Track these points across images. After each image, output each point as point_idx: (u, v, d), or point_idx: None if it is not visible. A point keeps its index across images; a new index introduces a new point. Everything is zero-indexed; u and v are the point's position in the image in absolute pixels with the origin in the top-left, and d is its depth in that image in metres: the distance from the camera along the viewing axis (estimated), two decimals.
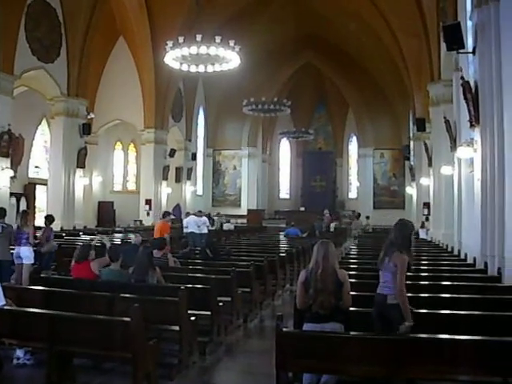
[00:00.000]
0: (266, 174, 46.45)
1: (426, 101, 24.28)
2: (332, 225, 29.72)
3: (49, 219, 13.59)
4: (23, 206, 25.95)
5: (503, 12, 10.19)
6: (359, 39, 33.91)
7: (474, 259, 11.58)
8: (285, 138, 46.25)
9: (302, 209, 44.02)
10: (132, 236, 12.87)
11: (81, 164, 26.33)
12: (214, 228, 26.82)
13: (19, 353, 7.01)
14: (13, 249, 11.66)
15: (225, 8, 30.31)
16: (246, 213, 41.17)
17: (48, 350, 5.99)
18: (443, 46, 15.38)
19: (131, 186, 37.12)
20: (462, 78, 12.19)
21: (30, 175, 28.60)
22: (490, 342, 4.85)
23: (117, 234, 22.74)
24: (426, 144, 24.49)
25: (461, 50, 12.57)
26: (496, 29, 10.36)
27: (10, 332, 6.16)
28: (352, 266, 10.97)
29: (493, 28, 10.43)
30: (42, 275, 10.17)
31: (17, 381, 6.72)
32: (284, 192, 49.71)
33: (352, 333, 5.42)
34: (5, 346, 6.38)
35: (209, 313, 8.22)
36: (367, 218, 32.48)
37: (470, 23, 12.84)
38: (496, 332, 5.25)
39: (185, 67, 22.72)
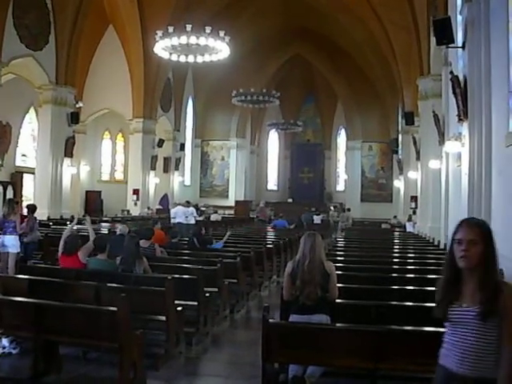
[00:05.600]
0: (254, 165, 46.39)
1: (415, 95, 24.37)
2: (319, 217, 29.79)
3: (31, 208, 13.47)
4: (10, 194, 25.84)
5: (493, 7, 10.21)
6: (349, 32, 33.88)
7: None
8: (273, 130, 46.16)
9: (290, 200, 44.13)
10: (119, 226, 12.79)
11: (68, 153, 26.18)
12: (201, 219, 26.83)
13: (5, 342, 6.99)
14: None
15: None
16: (233, 204, 41.21)
17: (34, 339, 5.98)
18: (433, 40, 15.41)
19: (119, 176, 37.06)
20: (451, 72, 12.23)
21: (17, 164, 28.45)
22: None
23: (104, 224, 22.65)
24: (414, 138, 24.58)
25: (450, 45, 12.63)
26: (486, 24, 10.39)
27: None
28: (339, 259, 11.01)
29: (482, 23, 10.46)
30: (28, 264, 10.14)
31: (2, 370, 6.69)
32: (272, 183, 49.72)
33: (338, 324, 5.45)
34: None
35: (195, 303, 8.21)
36: (348, 210, 32.83)
37: (459, 18, 12.87)
38: None
39: (174, 57, 22.65)
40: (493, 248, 3.12)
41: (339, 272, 6.81)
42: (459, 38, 12.77)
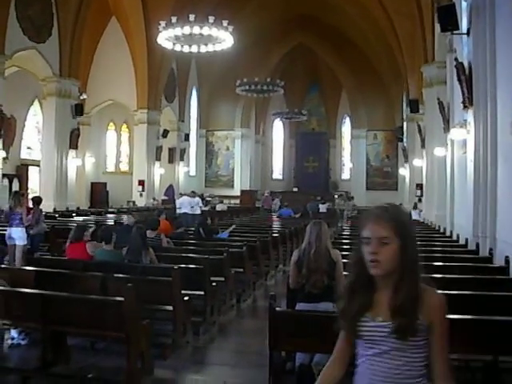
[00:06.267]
0: (259, 154, 46.31)
1: (419, 82, 24.25)
2: (324, 206, 29.78)
3: (36, 200, 13.54)
4: (16, 187, 25.91)
5: None
6: (353, 20, 33.71)
7: (466, 240, 11.64)
8: (278, 119, 46.04)
9: (295, 189, 44.07)
10: (125, 217, 12.84)
11: (73, 145, 26.24)
12: (207, 209, 26.87)
13: (13, 333, 7.04)
14: (5, 229, 11.66)
15: None
16: (239, 193, 41.21)
17: (41, 330, 6.00)
18: (437, 27, 15.32)
19: (124, 167, 37.06)
20: (456, 59, 12.17)
21: (23, 156, 28.49)
22: (480, 321, 4.90)
23: (110, 215, 22.72)
24: (419, 125, 24.50)
25: (455, 31, 12.56)
26: (491, 10, 10.33)
27: (3, 312, 6.17)
28: (345, 247, 11.00)
29: (488, 9, 10.40)
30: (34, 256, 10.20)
31: (12, 361, 6.75)
32: (277, 173, 49.62)
33: None
34: None
35: (202, 293, 8.24)
36: (352, 198, 32.80)
37: (464, 4, 12.79)
38: (487, 311, 5.30)
39: (178, 47, 22.64)
40: (412, 244, 2.45)
41: (345, 260, 6.82)
42: (464, 24, 12.68)
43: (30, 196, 18.08)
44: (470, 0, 11.26)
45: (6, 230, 11.58)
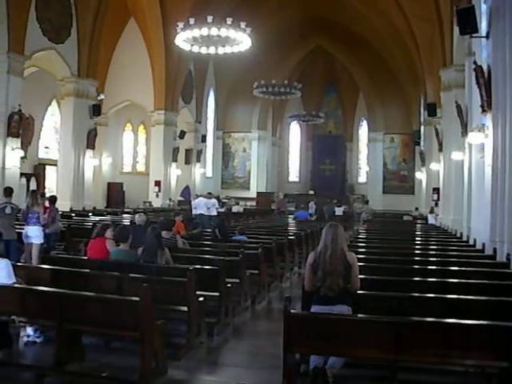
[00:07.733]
0: (275, 156, 46.37)
1: (437, 86, 24.09)
2: (340, 209, 29.70)
3: (52, 200, 13.66)
4: (33, 186, 26.15)
5: None
6: (371, 23, 33.56)
7: (483, 245, 11.55)
8: (295, 121, 46.03)
9: (312, 192, 43.95)
10: (136, 216, 12.71)
11: (90, 145, 26.36)
12: (223, 210, 26.91)
13: (29, 330, 7.10)
14: (22, 228, 11.75)
15: None
16: (255, 195, 41.20)
17: (57, 328, 6.03)
18: (456, 30, 15.24)
19: (141, 168, 37.24)
20: (475, 62, 12.08)
21: (40, 156, 28.75)
22: (497, 327, 4.85)
23: (125, 215, 22.81)
24: (436, 129, 24.36)
25: (474, 34, 12.46)
26: (511, 13, 10.25)
27: (19, 310, 6.20)
28: (361, 250, 10.98)
29: (507, 12, 10.33)
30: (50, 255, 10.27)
31: (27, 358, 6.80)
32: (293, 175, 49.64)
33: (360, 315, 5.43)
34: (15, 324, 6.44)
35: (217, 294, 8.25)
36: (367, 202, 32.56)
37: (484, 7, 12.70)
38: (503, 317, 5.25)
39: (195, 49, 22.65)
40: None
41: (361, 263, 6.80)
42: (483, 27, 12.59)
43: (47, 195, 18.22)
44: (490, 3, 11.18)
45: (23, 229, 11.68)
